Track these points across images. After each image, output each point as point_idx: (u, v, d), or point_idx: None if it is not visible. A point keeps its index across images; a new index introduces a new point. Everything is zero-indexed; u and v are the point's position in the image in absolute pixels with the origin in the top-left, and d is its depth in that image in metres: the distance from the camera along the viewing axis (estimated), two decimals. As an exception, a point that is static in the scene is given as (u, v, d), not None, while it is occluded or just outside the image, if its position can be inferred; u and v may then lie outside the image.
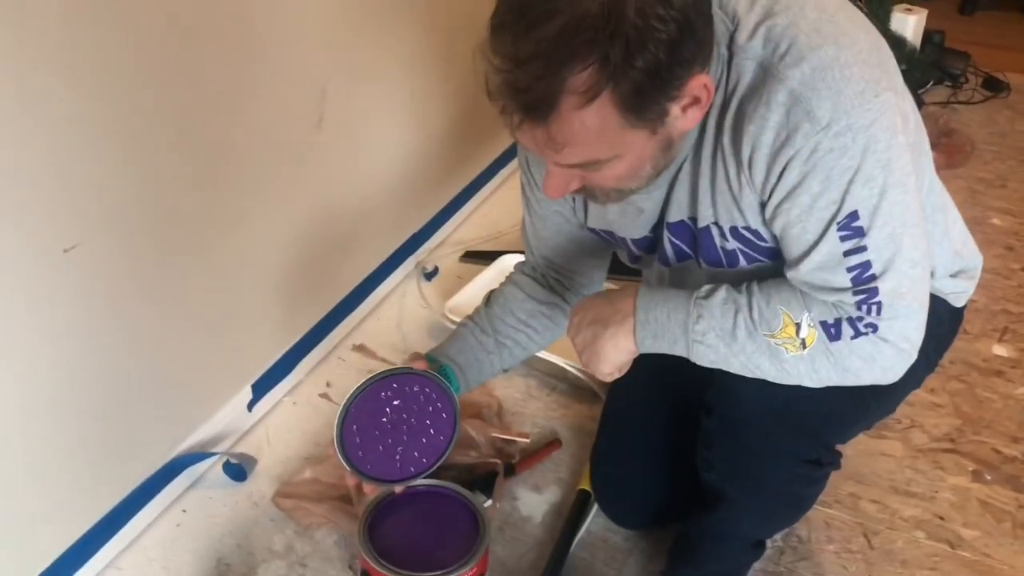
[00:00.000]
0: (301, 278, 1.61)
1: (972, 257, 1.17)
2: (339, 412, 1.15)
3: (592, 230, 1.20)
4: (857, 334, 0.94)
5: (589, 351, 1.07)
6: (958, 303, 1.16)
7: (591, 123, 0.86)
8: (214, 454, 1.45)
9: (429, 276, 1.97)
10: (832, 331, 0.94)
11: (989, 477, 1.56)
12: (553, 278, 1.29)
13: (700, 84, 0.89)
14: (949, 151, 2.52)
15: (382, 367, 1.69)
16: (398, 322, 1.84)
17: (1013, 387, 1.76)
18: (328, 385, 1.67)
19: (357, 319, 1.81)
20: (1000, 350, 1.86)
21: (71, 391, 1.18)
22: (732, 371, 1.01)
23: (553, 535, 1.41)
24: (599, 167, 0.93)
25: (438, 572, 1.11)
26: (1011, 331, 1.91)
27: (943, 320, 1.13)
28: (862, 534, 1.45)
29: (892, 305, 0.93)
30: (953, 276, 1.13)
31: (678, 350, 1.02)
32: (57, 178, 1.06)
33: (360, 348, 1.77)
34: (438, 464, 1.16)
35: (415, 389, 1.18)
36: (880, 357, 0.95)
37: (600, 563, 1.38)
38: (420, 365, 1.19)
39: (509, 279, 1.32)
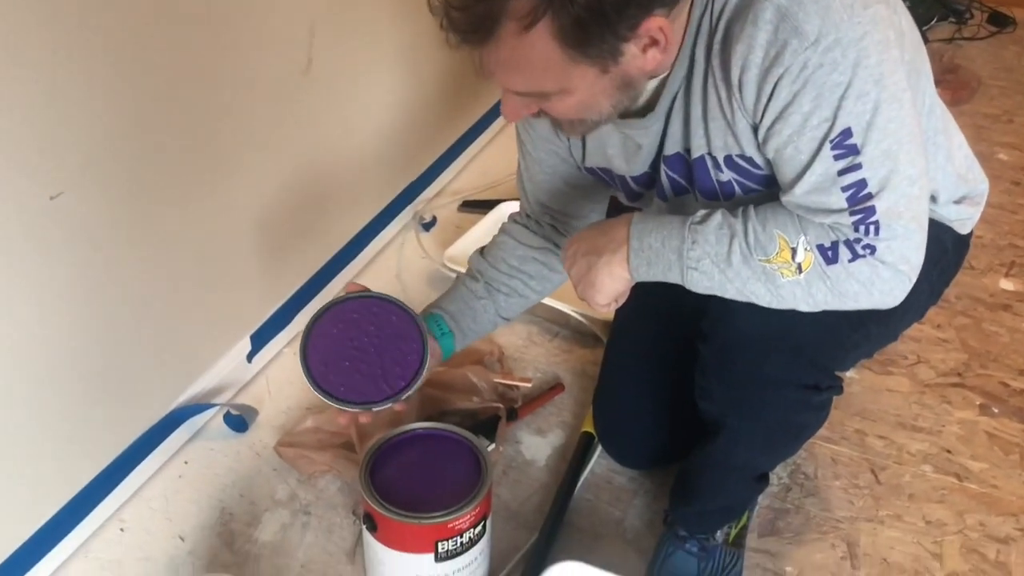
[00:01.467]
0: (297, 228, 1.59)
1: (977, 182, 1.14)
2: (300, 345, 1.12)
3: (590, 170, 1.18)
4: (855, 257, 0.92)
5: (584, 282, 1.05)
6: (963, 230, 1.13)
7: (529, 53, 0.87)
8: (214, 405, 1.44)
9: (427, 226, 1.95)
10: (829, 254, 0.92)
11: (996, 410, 1.55)
12: (548, 224, 1.28)
13: (656, 26, 0.89)
14: (954, 87, 2.48)
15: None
16: (397, 272, 1.83)
17: (1020, 321, 1.74)
18: (328, 336, 1.66)
19: (355, 269, 1.79)
20: (1007, 284, 1.84)
21: (65, 343, 1.17)
22: (727, 297, 0.99)
23: (557, 477, 1.40)
24: (548, 98, 0.93)
25: (440, 513, 1.11)
26: (1018, 265, 1.89)
27: (947, 248, 1.11)
28: (869, 469, 1.44)
29: (890, 225, 0.90)
30: (957, 202, 1.10)
31: (672, 277, 1.00)
32: (40, 124, 1.04)
33: (359, 299, 1.75)
34: (416, 383, 1.13)
35: (374, 311, 1.16)
36: (878, 280, 0.93)
37: (605, 504, 1.38)
38: (355, 289, 1.18)
39: (502, 229, 1.31)
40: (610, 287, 1.04)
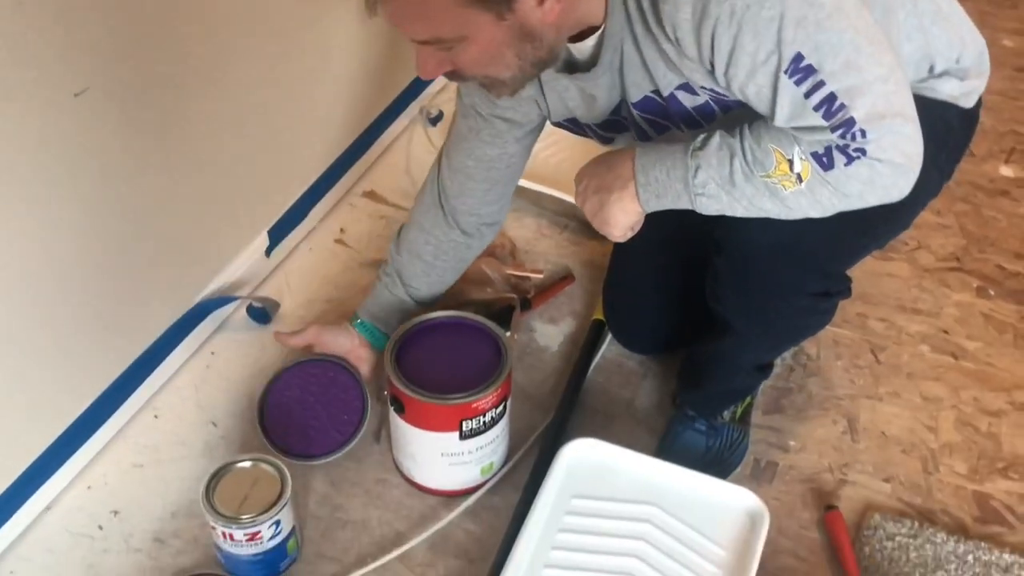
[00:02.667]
0: (308, 125, 1.61)
1: (976, 44, 1.11)
2: (257, 417, 1.31)
3: (559, 124, 1.20)
4: (849, 160, 0.93)
5: (599, 218, 1.09)
6: (968, 104, 1.12)
7: None
8: (237, 298, 1.49)
9: (434, 120, 1.95)
10: (824, 160, 0.94)
11: (992, 292, 1.60)
12: (457, 210, 1.30)
13: None
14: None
15: (393, 212, 1.73)
16: (406, 167, 1.85)
17: (1018, 206, 1.78)
18: (342, 231, 1.69)
19: (365, 165, 1.81)
20: (1007, 171, 1.87)
21: (95, 239, 1.20)
22: (738, 215, 1.02)
23: (570, 363, 1.46)
24: (451, 47, 0.94)
25: (464, 394, 1.16)
26: (1018, 151, 1.92)
27: (952, 127, 1.12)
28: (869, 350, 1.50)
29: (874, 128, 0.91)
30: (961, 79, 1.10)
31: (682, 204, 1.03)
32: (64, 20, 1.05)
33: (370, 194, 1.78)
34: (363, 425, 1.31)
35: (314, 372, 1.35)
36: (879, 177, 0.94)
37: (615, 386, 1.44)
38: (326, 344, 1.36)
39: (413, 220, 1.33)
40: (624, 221, 1.08)
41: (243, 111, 1.42)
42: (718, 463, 1.30)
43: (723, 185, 0.99)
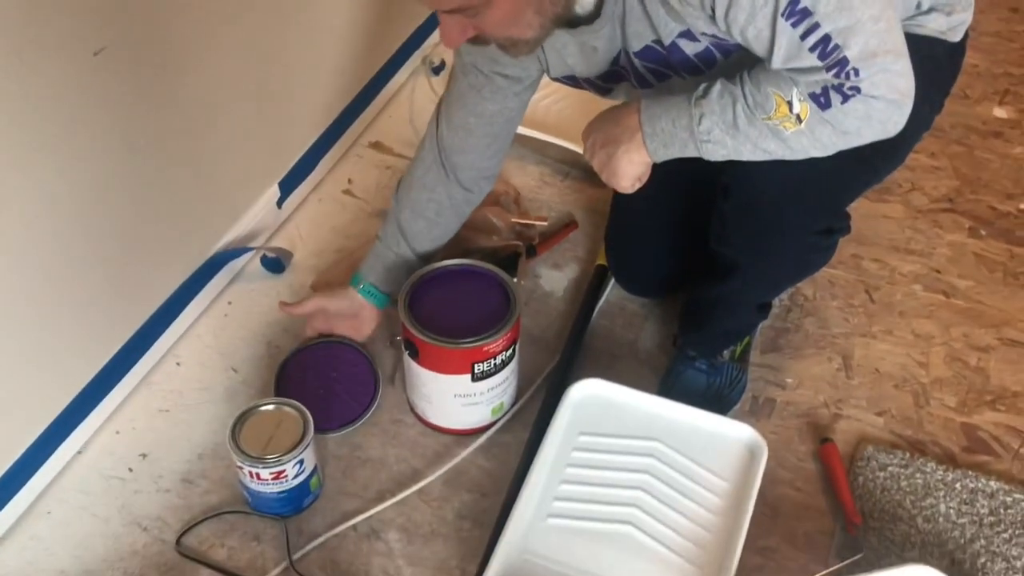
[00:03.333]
0: (314, 75, 1.64)
1: None
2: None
3: (557, 79, 1.23)
4: (845, 98, 0.97)
5: (607, 171, 1.13)
6: (955, 38, 1.15)
7: None
8: (251, 249, 1.53)
9: (436, 70, 1.98)
10: (822, 100, 0.98)
11: (984, 232, 1.64)
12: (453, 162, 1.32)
13: None
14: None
15: (397, 162, 1.76)
16: (410, 117, 1.88)
17: (1011, 147, 1.82)
18: (350, 182, 1.73)
19: (370, 116, 1.84)
20: (1000, 112, 1.90)
21: (111, 195, 1.24)
22: (744, 159, 1.06)
23: (575, 307, 1.51)
24: (477, 12, 0.96)
25: (476, 338, 1.22)
26: (1012, 93, 1.95)
27: (941, 63, 1.15)
28: (864, 290, 1.55)
29: (867, 66, 0.95)
30: (948, 14, 1.12)
31: (689, 152, 1.07)
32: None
33: (376, 145, 1.81)
34: (377, 396, 1.37)
35: (321, 355, 1.40)
36: (875, 113, 0.98)
37: (619, 328, 1.49)
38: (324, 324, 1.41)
39: (415, 179, 1.35)
40: (632, 172, 1.12)
41: (252, 67, 1.45)
42: (718, 400, 1.36)
43: (727, 130, 1.03)
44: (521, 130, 1.73)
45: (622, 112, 1.11)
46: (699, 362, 1.37)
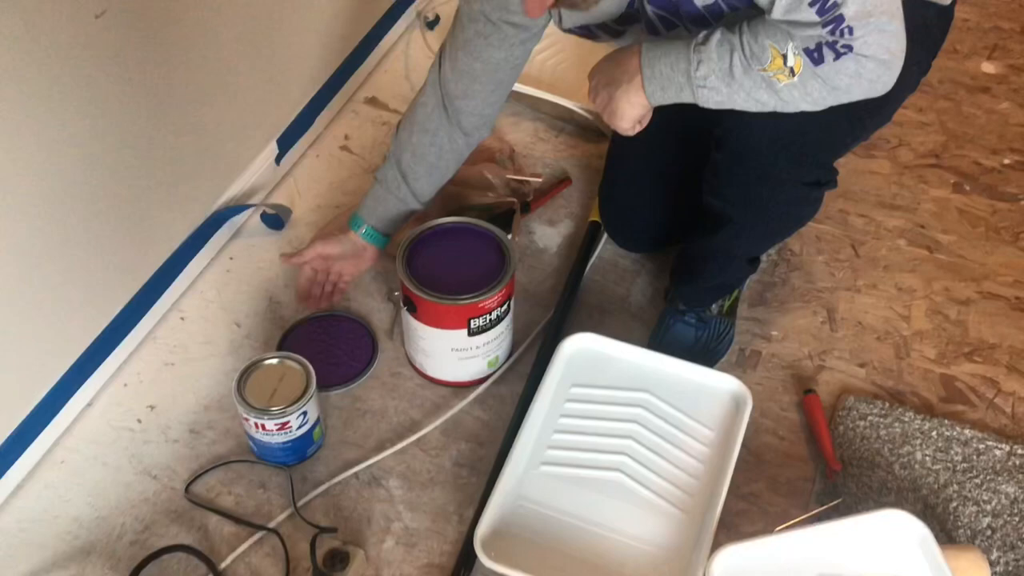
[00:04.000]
0: (309, 31, 1.65)
1: None
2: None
3: (569, 30, 1.26)
4: (838, 55, 1.01)
5: (608, 111, 1.17)
6: (946, 1, 1.20)
7: None
8: (251, 206, 1.56)
9: (431, 25, 1.99)
10: (815, 56, 1.02)
11: (968, 188, 1.68)
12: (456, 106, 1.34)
13: None
14: None
15: (393, 118, 1.78)
16: (406, 72, 1.89)
17: (997, 102, 1.84)
18: (346, 138, 1.76)
19: (366, 72, 1.86)
20: (988, 67, 1.92)
21: (115, 155, 1.27)
22: (737, 108, 1.10)
23: (568, 262, 1.55)
24: None
25: (472, 295, 1.26)
26: (1000, 47, 1.97)
27: (931, 26, 1.19)
28: (849, 245, 1.59)
29: (861, 26, 0.99)
30: None
31: (685, 97, 1.11)
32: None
33: (372, 101, 1.83)
34: (375, 359, 1.41)
35: (320, 325, 1.45)
36: (865, 72, 1.02)
37: (612, 284, 1.53)
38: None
39: (416, 124, 1.36)
40: (631, 113, 1.15)
41: (250, 25, 1.46)
42: (705, 353, 1.41)
43: (723, 78, 1.06)
44: (516, 87, 1.75)
45: (624, 54, 1.15)
46: (688, 316, 1.42)
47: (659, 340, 1.42)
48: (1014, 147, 1.75)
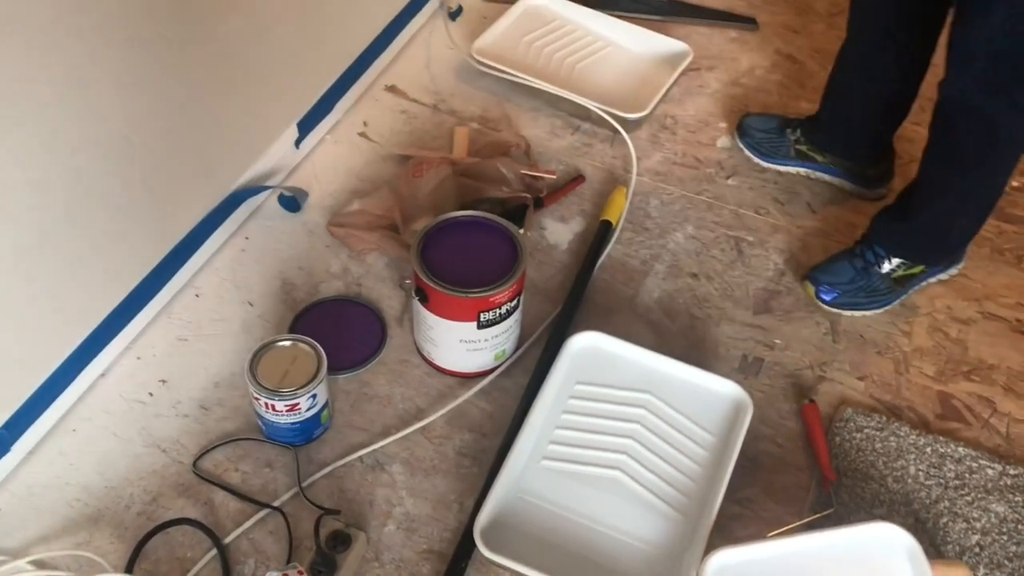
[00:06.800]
0: (334, 17, 1.67)
1: None
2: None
3: None
4: None
5: None
6: None
7: None
8: (269, 187, 1.59)
9: (454, 15, 2.00)
10: None
11: (976, 208, 1.70)
12: None
13: None
14: None
15: (412, 107, 1.80)
16: (427, 62, 1.91)
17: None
18: (365, 124, 1.77)
19: (387, 60, 1.87)
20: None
21: (138, 133, 1.29)
22: None
23: (578, 260, 1.57)
24: None
25: (483, 288, 1.28)
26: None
27: None
28: (855, 258, 1.60)
29: None
30: None
31: None
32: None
33: (392, 89, 1.85)
34: (384, 345, 1.43)
35: (331, 312, 1.46)
36: None
37: (620, 284, 1.56)
38: None
39: None
40: None
41: (274, 9, 1.48)
42: (855, 294, 1.48)
43: None
44: (536, 83, 1.78)
45: None
46: (867, 255, 1.48)
47: (821, 265, 1.51)
48: (1022, 170, 1.76)
